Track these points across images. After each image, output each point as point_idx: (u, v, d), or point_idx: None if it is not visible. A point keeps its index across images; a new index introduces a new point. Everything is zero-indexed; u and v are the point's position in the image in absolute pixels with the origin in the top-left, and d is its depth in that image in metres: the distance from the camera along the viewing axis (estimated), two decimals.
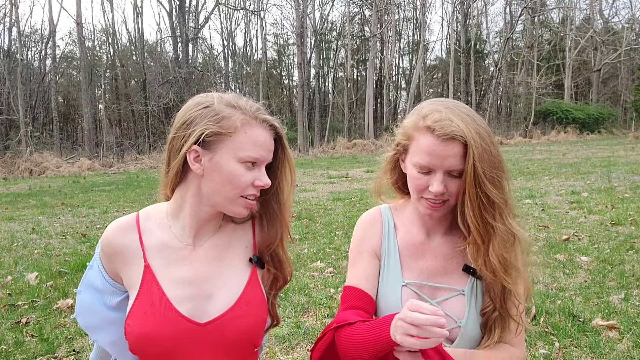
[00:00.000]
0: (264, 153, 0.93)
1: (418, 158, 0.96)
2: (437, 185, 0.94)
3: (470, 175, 0.91)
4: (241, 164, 0.91)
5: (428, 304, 0.83)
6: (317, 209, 7.04)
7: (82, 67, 21.89)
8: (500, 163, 0.95)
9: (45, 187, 12.15)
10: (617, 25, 31.21)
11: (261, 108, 0.96)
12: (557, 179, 9.03)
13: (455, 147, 0.92)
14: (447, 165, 0.93)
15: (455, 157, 0.92)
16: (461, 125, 0.91)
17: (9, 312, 3.45)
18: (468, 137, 0.90)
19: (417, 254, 1.06)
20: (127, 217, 1.01)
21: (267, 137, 0.94)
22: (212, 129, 0.90)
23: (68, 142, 25.42)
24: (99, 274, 1.00)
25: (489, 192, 0.91)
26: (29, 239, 5.86)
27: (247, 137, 0.91)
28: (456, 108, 0.95)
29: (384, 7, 24.68)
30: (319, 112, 26.61)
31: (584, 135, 24.35)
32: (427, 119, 0.95)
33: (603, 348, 2.52)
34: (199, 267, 0.97)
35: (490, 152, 0.92)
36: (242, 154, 0.90)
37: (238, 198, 0.93)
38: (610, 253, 4.13)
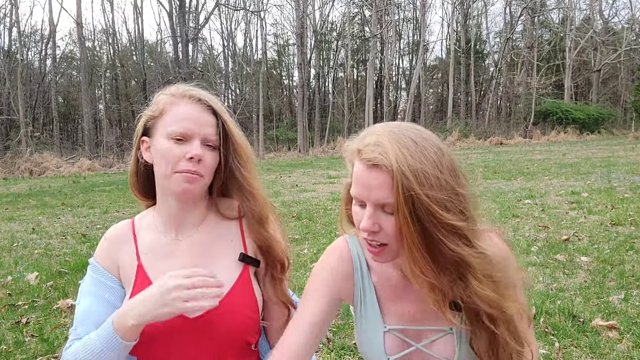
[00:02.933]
0: (189, 125, 0.93)
1: (352, 188, 0.83)
2: (364, 221, 0.79)
3: (402, 207, 0.74)
4: (170, 140, 0.93)
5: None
6: (317, 209, 7.05)
7: (82, 67, 21.89)
8: (455, 182, 0.78)
9: (45, 187, 12.15)
10: (617, 25, 31.25)
11: (192, 88, 0.99)
12: (557, 179, 9.03)
13: (380, 177, 0.76)
14: (374, 198, 0.77)
15: (382, 188, 0.76)
16: (390, 150, 0.75)
17: (9, 312, 3.45)
18: (395, 164, 0.74)
19: (396, 297, 0.93)
20: (124, 221, 1.06)
21: (193, 111, 0.95)
22: (146, 116, 0.98)
23: (68, 142, 25.43)
24: (96, 276, 1.01)
25: (444, 217, 0.75)
26: (29, 239, 5.86)
27: (172, 114, 0.95)
28: (400, 132, 0.79)
29: (384, 8, 24.68)
30: (319, 112, 26.62)
31: (584, 136, 24.36)
32: (361, 143, 0.81)
33: (603, 348, 2.52)
34: (186, 260, 0.99)
35: (437, 176, 0.75)
36: (169, 129, 0.93)
37: (173, 174, 0.93)
38: (610, 253, 4.13)
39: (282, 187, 10.04)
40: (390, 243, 0.81)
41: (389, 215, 0.78)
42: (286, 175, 12.69)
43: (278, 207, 7.32)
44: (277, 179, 11.63)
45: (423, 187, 0.74)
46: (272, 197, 8.47)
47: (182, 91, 0.98)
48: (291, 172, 13.58)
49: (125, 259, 1.00)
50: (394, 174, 0.75)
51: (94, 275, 1.00)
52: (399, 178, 0.74)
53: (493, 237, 0.89)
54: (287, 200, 7.96)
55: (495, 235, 0.90)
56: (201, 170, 0.94)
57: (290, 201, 7.90)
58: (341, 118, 28.32)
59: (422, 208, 0.74)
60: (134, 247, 1.01)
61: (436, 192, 0.75)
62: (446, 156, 0.80)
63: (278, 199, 8.26)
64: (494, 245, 0.86)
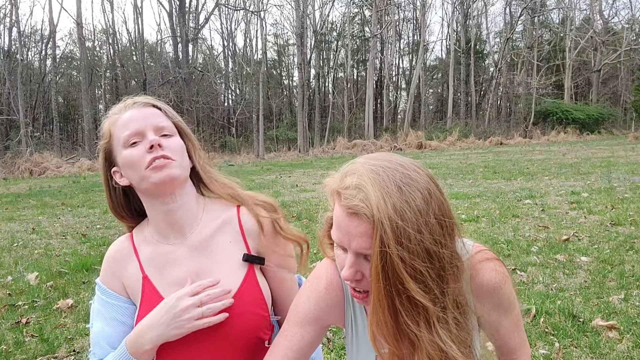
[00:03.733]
0: (135, 125, 0.94)
1: (332, 231, 0.77)
2: (345, 270, 0.74)
3: (377, 261, 0.68)
4: (127, 148, 0.94)
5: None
6: (317, 209, 7.05)
7: (82, 67, 21.90)
8: (434, 247, 0.69)
9: (45, 188, 12.15)
10: (617, 25, 31.24)
11: (127, 99, 1.01)
12: (557, 179, 9.03)
13: (360, 226, 0.70)
14: (355, 247, 0.72)
15: (362, 237, 0.70)
16: (372, 197, 0.68)
17: (9, 312, 3.45)
18: (376, 213, 0.67)
19: None
20: (122, 237, 1.07)
21: (133, 113, 0.96)
22: (101, 144, 1.00)
23: (68, 143, 25.44)
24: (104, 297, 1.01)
25: (412, 290, 0.68)
26: (29, 239, 5.86)
27: (117, 127, 0.96)
28: (385, 173, 0.71)
29: (384, 8, 24.69)
30: (319, 112, 26.63)
31: (584, 136, 24.36)
32: (342, 182, 0.74)
33: (603, 348, 2.52)
34: (188, 265, 0.98)
35: (416, 237, 0.67)
36: (121, 141, 0.95)
37: (145, 172, 0.93)
38: (610, 253, 4.13)
39: (282, 187, 10.04)
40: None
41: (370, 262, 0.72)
42: (286, 175, 12.69)
43: None
44: (277, 179, 11.63)
45: (399, 246, 0.67)
46: (273, 197, 8.46)
47: (116, 108, 1.00)
48: (291, 172, 13.58)
49: (130, 274, 1.00)
50: (375, 225, 0.68)
51: (102, 297, 1.01)
52: (378, 231, 0.68)
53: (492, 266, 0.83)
54: (287, 201, 7.96)
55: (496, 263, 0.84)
56: (167, 153, 0.93)
57: (290, 201, 7.90)
58: (341, 118, 28.32)
59: (392, 270, 0.68)
60: (137, 262, 1.01)
61: (412, 255, 0.68)
62: (434, 200, 0.71)
63: (278, 199, 8.26)
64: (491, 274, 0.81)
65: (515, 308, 0.88)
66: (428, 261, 0.69)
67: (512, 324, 0.87)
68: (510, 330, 0.87)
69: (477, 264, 0.81)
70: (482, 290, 0.81)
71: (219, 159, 20.40)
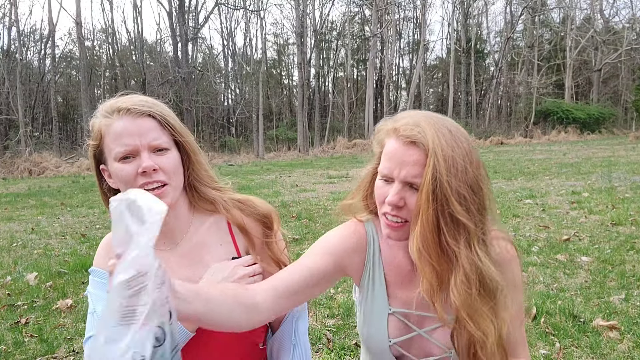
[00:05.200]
0: (129, 141, 0.88)
1: (382, 165, 0.85)
2: (392, 195, 0.81)
3: (428, 186, 0.77)
4: (119, 162, 0.90)
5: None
6: (317, 209, 7.04)
7: (81, 66, 21.88)
8: (477, 182, 0.80)
9: (44, 187, 12.14)
10: (618, 25, 31.23)
11: (119, 99, 0.93)
12: (557, 179, 9.02)
13: (415, 154, 0.79)
14: (404, 174, 0.80)
15: (415, 165, 0.79)
16: (428, 132, 0.79)
17: (9, 312, 3.45)
18: (432, 144, 0.78)
19: (404, 283, 0.95)
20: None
21: (127, 124, 0.89)
22: (90, 144, 0.94)
23: (67, 142, 25.43)
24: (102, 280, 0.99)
25: (456, 211, 0.76)
26: (29, 239, 5.85)
27: (110, 136, 0.90)
28: (436, 119, 0.83)
29: (384, 7, 24.68)
30: (319, 112, 26.62)
31: (585, 135, 24.35)
32: (397, 122, 0.85)
33: (604, 348, 2.51)
34: (179, 271, 0.97)
35: (463, 169, 0.78)
36: (114, 153, 0.90)
37: None
38: (610, 253, 4.12)
39: (282, 187, 10.03)
40: (410, 221, 0.83)
41: (416, 192, 0.81)
42: (286, 175, 12.68)
43: (278, 207, 7.31)
44: (277, 179, 11.62)
45: (449, 174, 0.77)
46: (272, 197, 8.46)
47: (110, 107, 0.92)
48: (291, 172, 13.57)
49: None
50: (429, 153, 0.78)
51: (100, 280, 0.98)
52: (432, 158, 0.77)
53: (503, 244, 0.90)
54: (287, 200, 7.95)
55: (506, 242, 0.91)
56: (162, 178, 0.90)
57: (290, 201, 7.89)
58: (341, 118, 28.32)
59: (441, 193, 0.77)
60: None
61: (459, 182, 0.78)
62: (474, 151, 0.83)
63: (278, 199, 8.25)
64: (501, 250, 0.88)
65: (519, 295, 0.90)
66: (471, 191, 0.79)
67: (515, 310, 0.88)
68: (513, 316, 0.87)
69: (491, 240, 0.86)
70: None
71: (219, 158, 20.40)
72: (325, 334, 2.81)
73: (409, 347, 0.93)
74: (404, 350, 0.93)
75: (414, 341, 0.93)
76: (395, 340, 0.92)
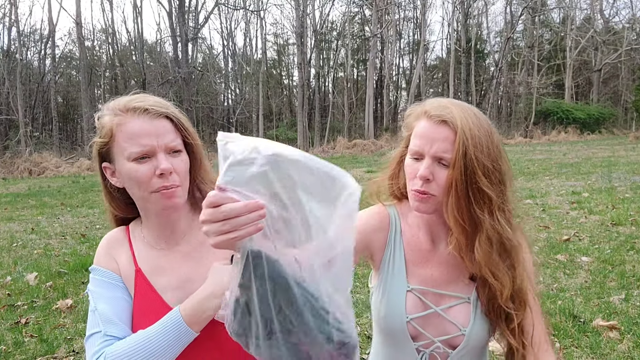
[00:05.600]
0: (146, 141, 0.87)
1: (412, 144, 0.94)
2: (423, 169, 0.90)
3: (460, 161, 0.87)
4: (132, 162, 0.88)
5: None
6: None
7: (81, 67, 21.89)
8: (498, 159, 0.90)
9: (44, 187, 12.14)
10: (618, 25, 31.21)
11: (134, 98, 0.92)
12: (557, 179, 9.02)
13: (445, 132, 0.89)
14: (434, 150, 0.89)
15: (444, 142, 0.88)
16: (456, 113, 0.89)
17: (9, 312, 3.45)
18: (460, 123, 0.87)
19: (422, 261, 1.02)
20: (117, 228, 1.05)
21: (145, 125, 0.88)
22: (98, 142, 0.92)
23: (67, 142, 25.43)
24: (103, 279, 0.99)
25: (482, 183, 0.87)
26: (29, 239, 5.85)
27: (123, 134, 0.88)
28: (461, 104, 0.94)
29: (384, 7, 24.68)
30: (319, 112, 26.61)
31: (585, 135, 24.34)
32: (427, 106, 0.95)
33: (604, 348, 2.51)
34: (180, 270, 0.98)
35: (487, 146, 0.89)
36: (127, 152, 0.88)
37: (150, 195, 0.90)
38: (610, 253, 4.12)
39: None
40: (437, 195, 0.91)
41: (444, 168, 0.90)
42: None
43: None
44: None
45: (476, 150, 0.87)
46: None
47: (124, 106, 0.90)
48: None
49: (123, 259, 0.99)
50: (458, 132, 0.87)
51: (100, 278, 0.98)
52: (461, 136, 0.87)
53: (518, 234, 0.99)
54: None
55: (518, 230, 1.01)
56: (176, 181, 0.90)
57: None
58: (341, 118, 28.31)
59: (471, 167, 0.87)
60: (130, 253, 0.99)
61: (485, 157, 0.88)
62: (496, 136, 0.93)
63: None
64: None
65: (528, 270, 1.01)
66: (492, 167, 0.89)
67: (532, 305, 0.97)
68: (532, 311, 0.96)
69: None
70: None
71: None
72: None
73: (425, 325, 0.98)
74: (420, 327, 0.97)
75: (430, 319, 0.98)
76: (413, 316, 0.97)
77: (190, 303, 0.89)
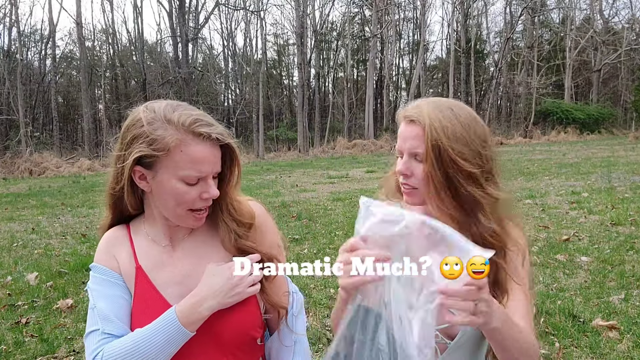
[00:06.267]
0: (205, 168, 0.88)
1: (397, 144, 1.01)
2: (400, 165, 0.98)
3: (430, 154, 0.91)
4: (183, 183, 0.88)
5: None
6: (317, 209, 7.05)
7: (82, 67, 21.91)
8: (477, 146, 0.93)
9: (45, 187, 12.15)
10: (618, 25, 31.22)
11: (200, 119, 0.89)
12: (557, 179, 9.03)
13: (415, 129, 0.95)
14: (408, 147, 0.96)
15: (415, 139, 0.94)
16: (425, 111, 0.93)
17: (9, 312, 3.45)
18: (428, 120, 0.92)
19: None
20: (118, 226, 1.05)
21: (207, 152, 0.88)
22: (145, 152, 0.87)
23: (68, 142, 25.45)
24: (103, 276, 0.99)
25: (462, 165, 0.91)
26: (29, 239, 5.86)
27: (183, 155, 0.86)
28: (440, 101, 0.97)
29: (384, 7, 24.69)
30: (319, 112, 26.62)
31: (584, 136, 24.35)
32: (405, 108, 1.01)
33: (603, 348, 2.52)
34: (181, 267, 0.99)
35: (462, 135, 0.92)
36: (182, 173, 0.87)
37: (186, 213, 0.92)
38: (610, 253, 4.13)
39: (282, 187, 10.04)
40: (419, 187, 0.98)
41: (420, 163, 0.96)
42: (286, 175, 12.69)
43: (278, 207, 7.31)
44: (277, 179, 11.63)
45: (449, 140, 0.91)
46: (272, 197, 8.46)
47: (190, 126, 0.87)
48: (291, 172, 13.57)
49: (123, 257, 1.00)
50: (426, 128, 0.92)
51: (100, 276, 0.99)
52: (428, 131, 0.91)
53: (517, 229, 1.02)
54: (287, 201, 7.95)
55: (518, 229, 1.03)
56: (209, 204, 0.95)
57: (290, 201, 7.89)
58: (341, 118, 28.31)
59: (446, 156, 0.91)
60: (130, 250, 1.00)
61: (460, 146, 0.92)
62: (480, 126, 0.96)
63: (278, 199, 8.26)
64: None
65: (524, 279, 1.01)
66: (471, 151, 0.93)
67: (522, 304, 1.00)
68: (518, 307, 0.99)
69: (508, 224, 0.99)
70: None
71: None
72: (325, 333, 2.82)
73: None
74: None
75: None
76: None
77: (185, 305, 0.91)
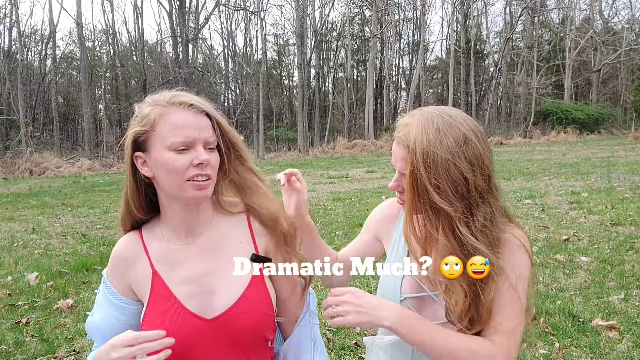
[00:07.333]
0: (189, 133, 0.92)
1: None
2: (391, 182, 1.00)
3: (409, 179, 0.91)
4: (172, 151, 0.92)
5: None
6: (317, 209, 7.05)
7: (82, 67, 21.91)
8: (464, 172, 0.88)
9: (45, 188, 12.15)
10: (617, 25, 31.24)
11: (178, 93, 0.97)
12: (557, 179, 9.03)
13: (402, 151, 0.95)
14: (398, 167, 0.97)
15: (402, 160, 0.95)
16: (412, 132, 0.91)
17: (9, 312, 3.46)
18: (412, 144, 0.90)
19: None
20: (130, 233, 1.06)
21: (188, 118, 0.93)
22: (136, 129, 0.94)
23: (68, 143, 25.44)
24: (107, 293, 1.03)
25: (434, 199, 0.88)
26: (29, 239, 5.86)
27: (167, 125, 0.92)
28: (431, 117, 0.92)
29: (384, 8, 24.69)
30: (319, 112, 26.62)
31: (584, 136, 24.35)
32: (399, 122, 1.00)
33: (603, 348, 2.52)
34: (196, 264, 1.00)
35: (445, 164, 0.87)
36: (168, 141, 0.92)
37: (184, 183, 0.93)
38: (610, 253, 4.13)
39: None
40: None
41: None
42: None
43: None
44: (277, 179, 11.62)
45: (427, 169, 0.88)
46: None
47: (170, 99, 0.95)
48: None
49: (138, 271, 1.00)
50: (409, 152, 0.91)
51: (107, 293, 1.02)
52: (411, 156, 0.91)
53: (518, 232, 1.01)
54: None
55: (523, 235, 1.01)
56: (209, 172, 0.95)
57: None
58: (341, 118, 28.32)
59: (421, 185, 0.89)
60: (146, 258, 1.01)
61: (438, 176, 0.88)
62: (471, 147, 0.90)
63: (278, 199, 8.25)
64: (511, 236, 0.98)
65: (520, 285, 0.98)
66: (452, 182, 0.88)
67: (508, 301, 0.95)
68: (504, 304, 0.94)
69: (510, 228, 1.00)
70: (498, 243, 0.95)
71: None
72: (325, 333, 2.82)
73: (421, 309, 1.01)
74: (416, 309, 1.01)
75: (426, 303, 1.01)
76: (407, 296, 1.02)
77: (97, 355, 0.90)
